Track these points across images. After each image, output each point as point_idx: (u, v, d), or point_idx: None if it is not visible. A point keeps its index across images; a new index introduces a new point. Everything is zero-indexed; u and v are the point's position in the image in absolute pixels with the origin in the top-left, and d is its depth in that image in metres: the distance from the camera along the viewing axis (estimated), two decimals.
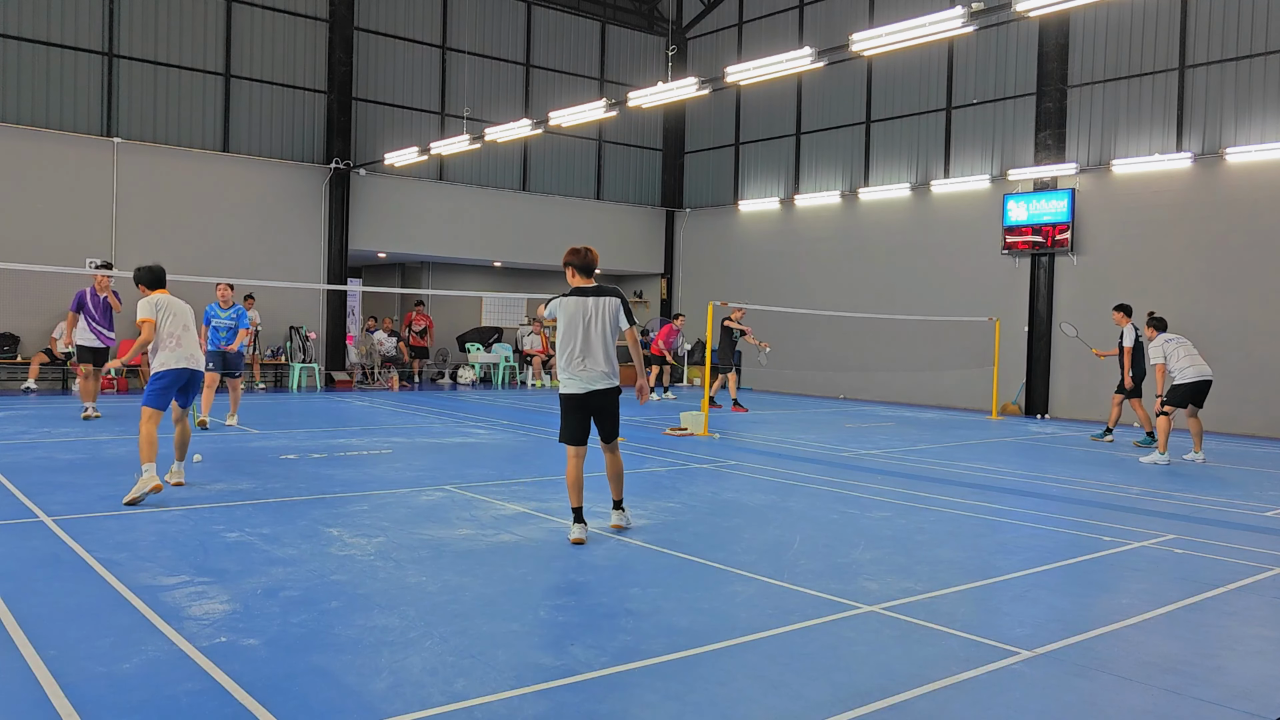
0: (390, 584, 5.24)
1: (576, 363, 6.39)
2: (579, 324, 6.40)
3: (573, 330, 6.40)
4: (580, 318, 6.40)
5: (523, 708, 3.62)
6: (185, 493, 7.64)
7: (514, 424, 13.67)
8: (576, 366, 6.39)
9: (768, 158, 23.09)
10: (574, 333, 6.39)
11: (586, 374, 6.40)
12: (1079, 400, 17.35)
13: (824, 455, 11.41)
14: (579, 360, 6.39)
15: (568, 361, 6.41)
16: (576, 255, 6.52)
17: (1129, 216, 16.66)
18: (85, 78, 17.22)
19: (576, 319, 6.41)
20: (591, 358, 6.40)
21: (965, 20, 9.75)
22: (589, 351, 6.40)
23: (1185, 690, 4.04)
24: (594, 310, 6.43)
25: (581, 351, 6.39)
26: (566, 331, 6.41)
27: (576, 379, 6.40)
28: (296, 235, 19.37)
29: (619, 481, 6.74)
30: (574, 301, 6.45)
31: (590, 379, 6.40)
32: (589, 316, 6.41)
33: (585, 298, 6.47)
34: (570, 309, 6.44)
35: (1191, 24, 16.05)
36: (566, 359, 6.42)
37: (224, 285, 12.81)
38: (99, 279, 12.82)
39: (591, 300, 6.46)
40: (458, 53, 21.63)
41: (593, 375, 6.40)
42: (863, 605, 5.10)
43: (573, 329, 6.40)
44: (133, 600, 4.77)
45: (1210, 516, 8.07)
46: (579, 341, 6.39)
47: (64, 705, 3.49)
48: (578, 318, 6.41)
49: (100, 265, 13.93)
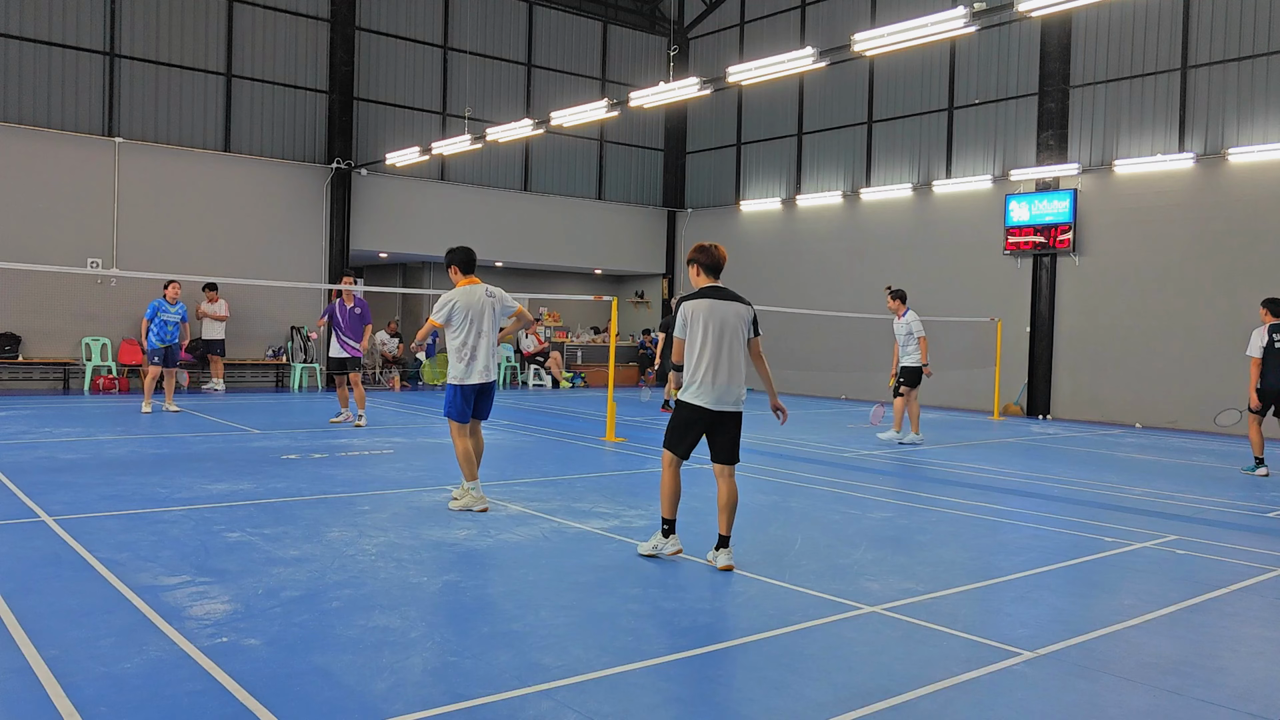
0: (391, 584, 5.24)
1: (715, 374, 5.76)
2: (711, 330, 5.78)
3: (706, 337, 5.77)
4: (715, 324, 5.79)
5: (524, 708, 3.62)
6: (186, 493, 7.65)
7: (514, 424, 13.67)
8: (714, 378, 5.76)
9: (769, 158, 23.08)
10: (707, 340, 5.76)
11: (724, 390, 5.78)
12: (1081, 401, 17.35)
13: (825, 455, 11.41)
14: (720, 371, 5.77)
15: (705, 374, 5.76)
16: (704, 253, 5.90)
17: (1131, 217, 16.65)
18: (87, 77, 17.22)
19: (711, 325, 5.78)
20: (733, 370, 5.81)
21: (967, 20, 9.74)
22: (732, 363, 5.81)
23: (1186, 691, 4.03)
24: (730, 316, 5.84)
25: (719, 363, 5.76)
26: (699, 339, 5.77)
27: (709, 392, 5.77)
28: (298, 235, 19.37)
29: (731, 513, 5.88)
30: (707, 304, 5.83)
31: (721, 397, 5.78)
32: (723, 323, 5.81)
33: (720, 301, 5.85)
34: (703, 313, 5.81)
35: (1194, 24, 16.04)
36: (703, 370, 5.76)
37: (176, 284, 13.60)
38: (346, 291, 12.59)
39: (728, 305, 5.86)
40: (459, 53, 21.62)
41: (730, 393, 5.81)
42: (864, 606, 5.10)
43: (705, 336, 5.77)
44: (134, 600, 4.77)
45: (1211, 517, 8.06)
46: (713, 350, 5.76)
47: (65, 705, 3.49)
48: (710, 323, 5.78)
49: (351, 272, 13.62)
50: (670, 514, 5.97)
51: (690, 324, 5.83)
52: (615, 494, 8.25)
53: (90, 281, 16.85)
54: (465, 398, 7.32)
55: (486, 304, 7.37)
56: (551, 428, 13.43)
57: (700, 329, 5.79)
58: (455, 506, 7.33)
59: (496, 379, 7.49)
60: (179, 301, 13.71)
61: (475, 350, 7.27)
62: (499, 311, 7.48)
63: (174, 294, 13.56)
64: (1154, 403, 16.35)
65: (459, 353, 7.28)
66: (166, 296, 13.53)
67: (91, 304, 16.94)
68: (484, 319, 7.33)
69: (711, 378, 5.77)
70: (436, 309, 7.35)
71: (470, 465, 7.34)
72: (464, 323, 7.26)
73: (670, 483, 5.92)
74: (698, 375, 5.79)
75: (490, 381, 7.40)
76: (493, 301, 7.43)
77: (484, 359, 7.32)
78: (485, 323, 7.33)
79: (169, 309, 13.52)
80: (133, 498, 7.37)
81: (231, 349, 18.08)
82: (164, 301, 13.51)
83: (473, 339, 7.27)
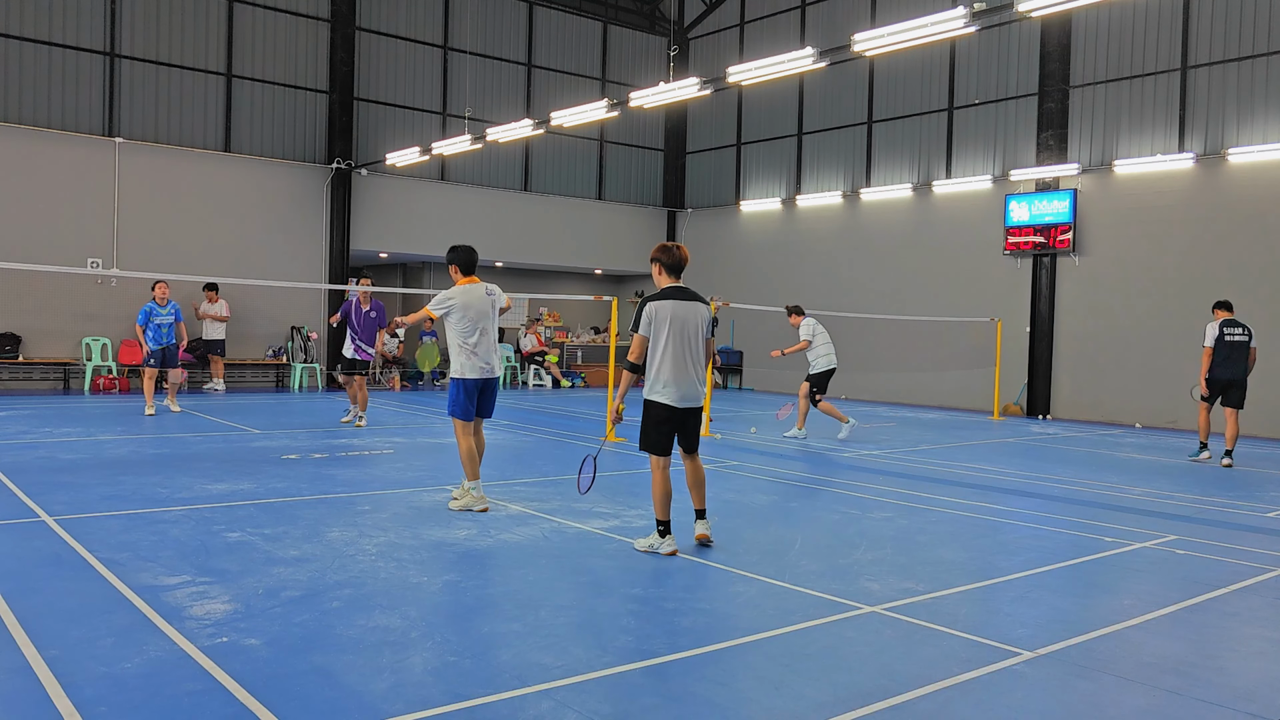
0: (392, 584, 5.24)
1: (679, 372, 6.01)
2: (674, 330, 6.01)
3: (670, 337, 6.00)
4: (678, 323, 6.02)
5: (524, 708, 3.62)
6: (186, 493, 7.65)
7: (515, 424, 13.67)
8: (679, 376, 6.01)
9: (769, 158, 23.08)
10: (670, 339, 6.00)
11: (688, 387, 6.05)
12: (1081, 401, 17.34)
13: (825, 456, 11.41)
14: (684, 369, 6.02)
15: (671, 372, 6.01)
16: (666, 253, 6.14)
17: (1131, 217, 16.65)
18: (87, 78, 17.22)
19: (674, 325, 6.01)
20: (696, 368, 6.09)
21: (967, 20, 9.73)
22: (696, 361, 6.08)
23: (1187, 691, 4.03)
24: (691, 316, 6.07)
25: (683, 361, 6.02)
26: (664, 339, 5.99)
27: (674, 390, 6.02)
28: (298, 235, 19.37)
29: (701, 489, 6.35)
30: (671, 305, 6.04)
31: (686, 394, 6.06)
32: (684, 323, 6.04)
33: (682, 301, 6.08)
34: (668, 312, 6.02)
35: (1193, 24, 16.04)
36: (668, 369, 6.00)
37: (163, 284, 13.42)
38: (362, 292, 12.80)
39: (689, 305, 6.10)
40: (459, 53, 21.62)
41: (693, 389, 6.08)
42: (864, 606, 5.10)
43: (668, 335, 6.00)
44: (134, 600, 4.77)
45: (1211, 517, 8.06)
46: (675, 350, 6.00)
47: (65, 705, 3.49)
48: (673, 323, 6.01)
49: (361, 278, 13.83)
50: (663, 515, 6.13)
51: (655, 323, 6.04)
52: (615, 494, 8.25)
53: (90, 281, 16.85)
54: (468, 393, 7.37)
55: (486, 302, 7.51)
56: (551, 428, 13.43)
57: (664, 328, 6.03)
58: (455, 506, 7.34)
59: (499, 377, 7.56)
60: (170, 301, 13.54)
61: (476, 347, 7.36)
62: (496, 307, 7.65)
63: (162, 294, 13.38)
64: (1154, 403, 16.35)
65: (460, 349, 7.37)
66: (155, 298, 13.37)
67: (91, 304, 16.94)
68: (485, 317, 7.45)
69: (675, 376, 6.03)
70: (435, 303, 7.43)
71: (473, 464, 7.37)
72: (463, 320, 7.34)
73: (660, 484, 6.14)
74: (663, 374, 6.05)
75: (493, 378, 7.49)
76: (492, 299, 7.58)
77: (484, 355, 7.40)
78: (487, 320, 7.45)
79: (160, 311, 13.36)
80: (133, 498, 7.37)
81: (231, 349, 18.09)
82: (154, 305, 13.34)
83: (474, 336, 7.36)
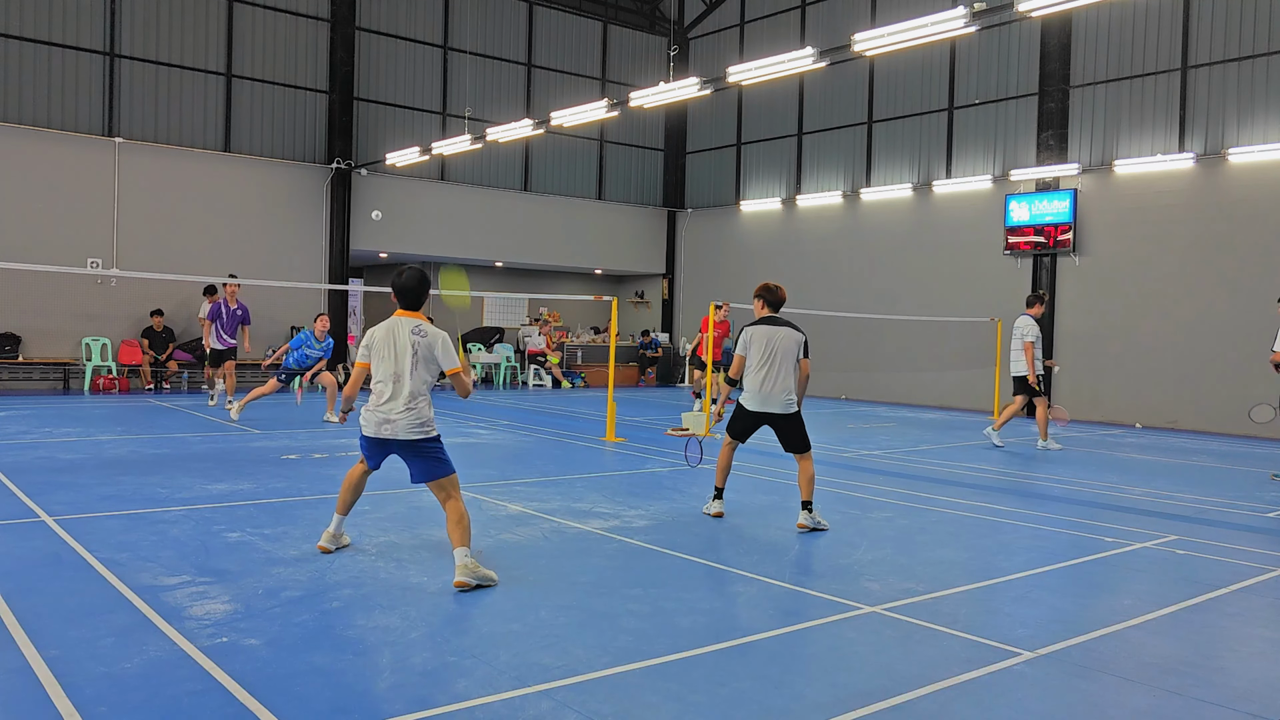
0: (391, 584, 5.24)
1: (761, 385, 7.21)
2: (764, 351, 7.22)
3: (758, 357, 7.24)
4: (769, 347, 7.23)
5: (524, 708, 3.62)
6: (186, 493, 7.65)
7: (515, 424, 13.66)
8: (760, 388, 7.22)
9: (769, 158, 23.08)
10: (758, 359, 7.23)
11: (768, 397, 7.19)
12: (1081, 401, 17.33)
13: (826, 456, 11.40)
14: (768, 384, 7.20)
15: (753, 384, 7.24)
16: (770, 292, 7.47)
17: (1131, 217, 16.65)
18: (87, 78, 17.22)
19: (765, 347, 7.23)
20: (778, 382, 7.20)
21: (967, 20, 9.73)
22: (777, 377, 7.21)
23: (1187, 691, 4.03)
24: (780, 340, 7.26)
25: (765, 377, 7.20)
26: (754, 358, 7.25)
27: (755, 398, 7.24)
28: (298, 235, 19.37)
29: (808, 485, 7.14)
30: (764, 330, 7.32)
31: (764, 402, 7.21)
32: (773, 346, 7.23)
33: (774, 327, 7.32)
34: (759, 337, 7.29)
35: (1194, 24, 16.03)
36: (753, 382, 7.25)
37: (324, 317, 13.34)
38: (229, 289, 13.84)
39: (780, 330, 7.30)
40: (459, 53, 21.62)
41: (774, 399, 7.18)
42: (864, 606, 5.10)
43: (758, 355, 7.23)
44: (134, 600, 4.77)
45: (1211, 517, 8.06)
46: (761, 367, 7.23)
47: (65, 705, 3.49)
48: (763, 346, 7.24)
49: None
50: (720, 483, 7.49)
51: (750, 345, 7.32)
52: (615, 494, 8.25)
53: (90, 281, 16.85)
54: (362, 445, 5.75)
55: (409, 342, 5.54)
56: (551, 428, 13.43)
57: (756, 350, 7.27)
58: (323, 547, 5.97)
59: (421, 439, 5.54)
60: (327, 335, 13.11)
61: (383, 394, 5.53)
62: (424, 357, 5.56)
63: (322, 329, 12.98)
64: (1154, 403, 16.35)
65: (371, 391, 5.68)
66: (315, 331, 12.93)
67: (91, 304, 16.94)
68: (402, 359, 5.52)
69: (758, 388, 7.24)
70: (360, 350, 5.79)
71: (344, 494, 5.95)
72: (375, 360, 5.60)
73: (724, 457, 7.49)
74: (749, 385, 7.30)
75: (400, 440, 5.50)
76: (419, 341, 5.55)
77: (386, 409, 5.49)
78: (403, 364, 5.52)
79: (316, 345, 12.91)
80: (133, 498, 7.37)
81: None
82: (312, 337, 12.89)
83: (384, 379, 5.55)
